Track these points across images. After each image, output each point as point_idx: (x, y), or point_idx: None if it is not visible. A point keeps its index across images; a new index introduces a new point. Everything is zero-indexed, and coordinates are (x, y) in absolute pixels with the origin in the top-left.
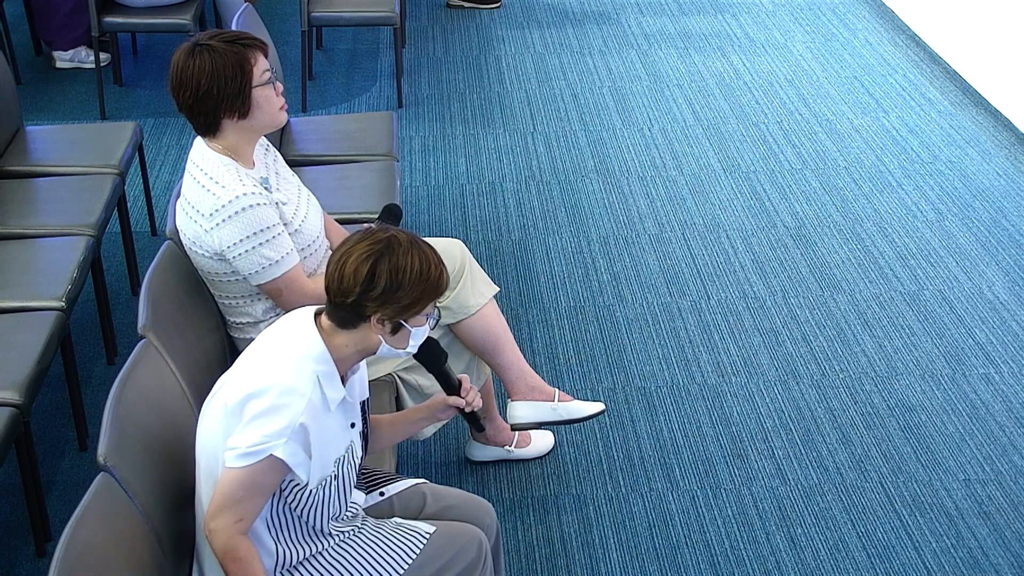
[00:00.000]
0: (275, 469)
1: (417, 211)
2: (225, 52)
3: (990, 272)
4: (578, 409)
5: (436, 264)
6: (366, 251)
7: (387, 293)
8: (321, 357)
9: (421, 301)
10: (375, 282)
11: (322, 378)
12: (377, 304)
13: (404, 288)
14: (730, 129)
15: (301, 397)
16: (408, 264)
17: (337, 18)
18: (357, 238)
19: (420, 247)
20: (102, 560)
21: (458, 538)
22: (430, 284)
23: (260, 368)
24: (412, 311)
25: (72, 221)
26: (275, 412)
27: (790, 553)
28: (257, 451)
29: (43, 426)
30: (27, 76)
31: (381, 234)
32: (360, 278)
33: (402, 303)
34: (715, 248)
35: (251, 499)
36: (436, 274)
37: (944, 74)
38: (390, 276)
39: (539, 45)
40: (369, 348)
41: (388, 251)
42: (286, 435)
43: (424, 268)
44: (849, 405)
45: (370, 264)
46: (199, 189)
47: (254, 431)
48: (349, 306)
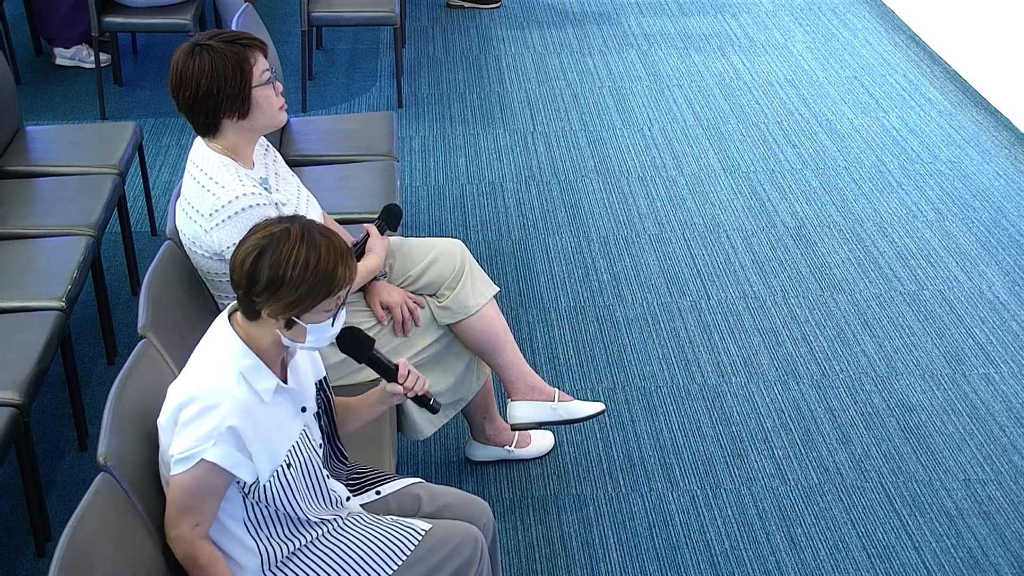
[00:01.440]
0: (213, 472)
1: (417, 211)
2: (225, 52)
3: (990, 272)
4: (578, 409)
5: (329, 258)
6: (254, 243)
7: (269, 288)
8: (241, 352)
9: (308, 298)
10: (257, 275)
11: (246, 373)
12: (263, 300)
13: (287, 284)
14: (730, 129)
15: (225, 396)
16: (293, 258)
17: (337, 18)
18: (254, 228)
19: (313, 241)
20: (102, 560)
21: (453, 536)
22: (317, 281)
23: (187, 377)
24: (300, 308)
25: (72, 221)
26: (201, 416)
27: (790, 553)
28: (189, 456)
29: (43, 426)
30: (27, 76)
31: (276, 225)
32: (245, 270)
33: (287, 300)
34: (715, 248)
35: (202, 503)
36: (327, 268)
37: (944, 74)
38: (272, 271)
39: (539, 45)
40: (278, 339)
41: (274, 244)
42: (213, 438)
43: (311, 263)
44: (849, 405)
45: (254, 256)
46: (199, 189)
47: (185, 437)
48: (242, 300)
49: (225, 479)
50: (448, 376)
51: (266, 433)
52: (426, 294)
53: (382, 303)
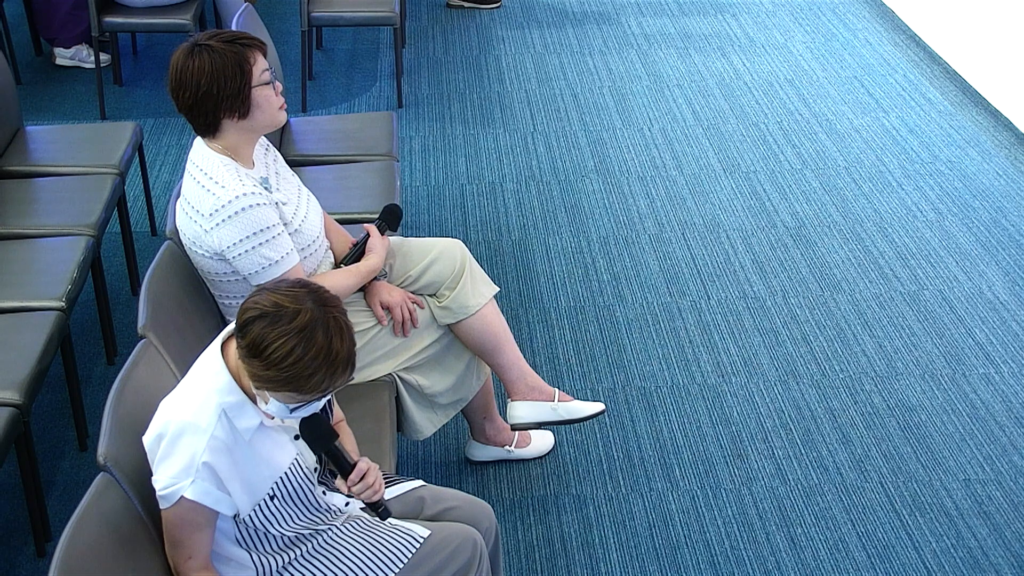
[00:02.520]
0: (193, 509)
1: (417, 211)
2: (224, 52)
3: (990, 272)
4: (578, 409)
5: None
6: (267, 302)
7: (248, 352)
8: (227, 388)
9: (274, 382)
10: (245, 333)
11: (229, 410)
12: (242, 353)
13: (261, 359)
14: (730, 129)
15: (202, 435)
16: (279, 343)
17: (337, 18)
18: (281, 284)
19: (312, 337)
20: (102, 560)
21: (453, 539)
22: (291, 376)
23: (169, 404)
24: (263, 384)
25: (72, 221)
26: (176, 453)
27: (790, 553)
28: (169, 494)
29: (43, 426)
30: (27, 76)
31: (297, 299)
32: (241, 319)
33: (254, 370)
34: (715, 248)
35: (190, 536)
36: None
37: (944, 74)
38: (258, 339)
39: (539, 45)
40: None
41: (274, 317)
42: (191, 475)
43: (293, 358)
44: (849, 405)
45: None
46: (199, 189)
47: (164, 472)
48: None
49: (207, 514)
50: (448, 376)
51: (245, 470)
52: (426, 294)
53: (382, 303)
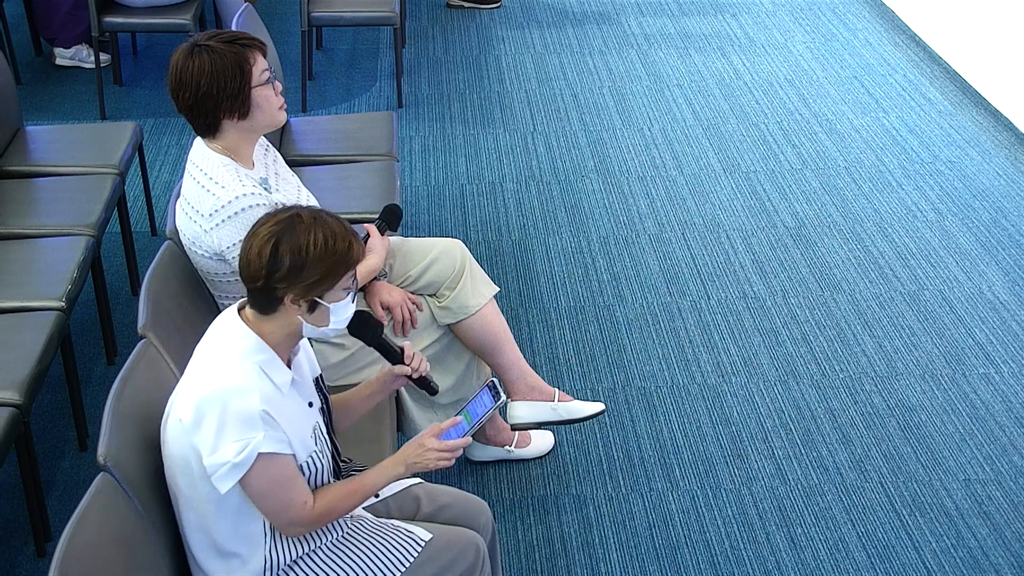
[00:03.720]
0: (275, 461)
1: (417, 211)
2: (224, 52)
3: (990, 272)
4: (578, 409)
5: (343, 236)
6: (267, 232)
7: (293, 272)
8: (257, 347)
9: (331, 276)
10: (279, 262)
11: (264, 367)
12: (286, 284)
13: (309, 265)
14: (730, 129)
15: (250, 391)
16: (311, 240)
17: (337, 18)
18: (261, 220)
19: (325, 222)
20: (102, 560)
21: (455, 543)
22: (337, 258)
23: (203, 377)
24: (323, 287)
25: (72, 221)
26: (231, 417)
27: (790, 553)
28: (245, 457)
29: (43, 426)
30: (27, 76)
31: (283, 213)
32: (264, 260)
33: (309, 280)
34: (715, 248)
35: (290, 489)
36: (343, 247)
37: (944, 74)
38: (293, 254)
39: (539, 45)
40: (296, 330)
41: (289, 229)
42: (258, 428)
43: (329, 242)
44: (849, 405)
45: (272, 244)
46: (199, 189)
47: (228, 440)
48: (261, 290)
49: (290, 462)
50: (448, 376)
51: (292, 422)
52: (426, 294)
53: (382, 303)
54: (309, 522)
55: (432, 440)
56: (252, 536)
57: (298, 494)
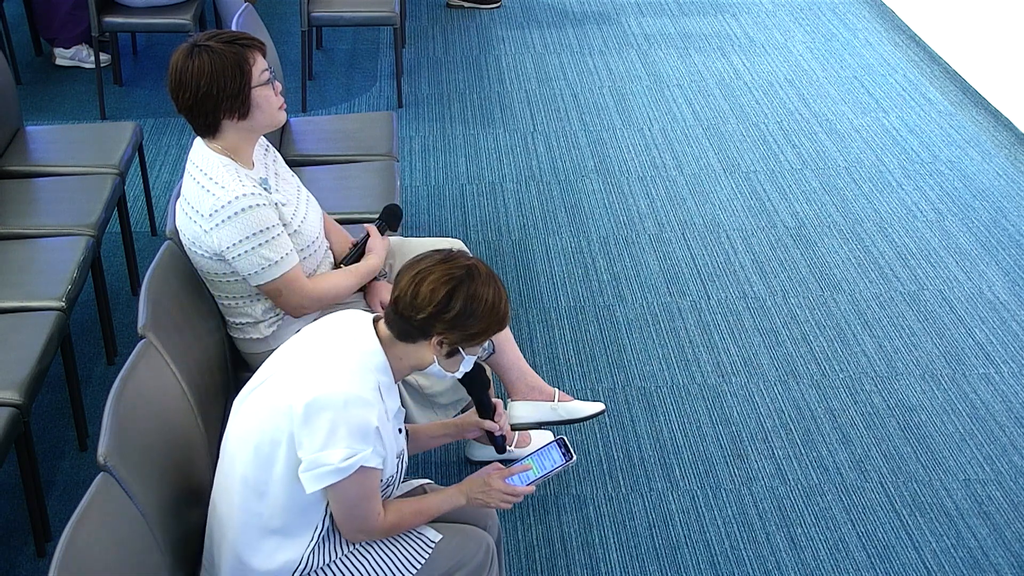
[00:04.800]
0: (371, 475)
1: (417, 211)
2: (224, 53)
3: (990, 272)
4: (578, 409)
5: (505, 300)
6: (447, 275)
7: (459, 319)
8: (382, 367)
9: (486, 332)
10: (451, 306)
11: (383, 388)
12: (445, 327)
13: (475, 317)
14: (730, 129)
15: (370, 405)
16: (484, 295)
17: (337, 18)
18: (438, 258)
19: (495, 281)
20: (102, 560)
21: (466, 542)
22: (497, 318)
23: (324, 374)
24: (474, 340)
25: (72, 221)
26: (348, 422)
27: (790, 553)
28: (349, 464)
29: (43, 426)
30: (27, 76)
31: (462, 260)
32: (436, 299)
33: (469, 331)
34: (715, 248)
35: (369, 503)
36: (504, 309)
37: (944, 74)
38: (466, 303)
39: (539, 45)
40: (421, 364)
41: (469, 279)
42: (369, 442)
43: (496, 302)
44: (849, 405)
45: (448, 288)
46: (199, 189)
47: (339, 446)
48: (417, 322)
49: (378, 477)
50: None
51: (389, 445)
52: None
53: (383, 303)
54: (377, 532)
55: (499, 482)
56: (305, 531)
57: (375, 506)
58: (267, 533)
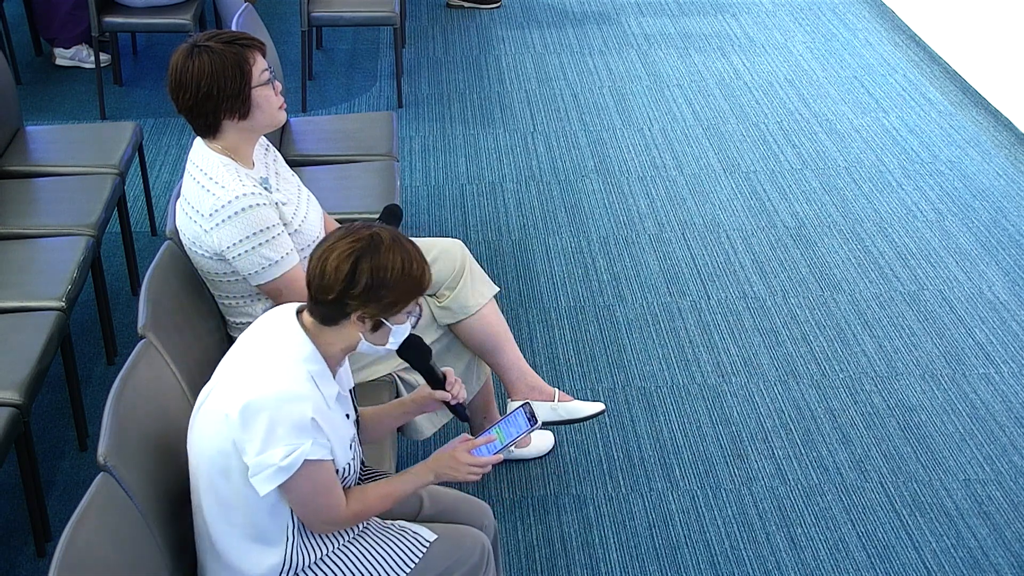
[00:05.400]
0: (319, 467)
1: (417, 211)
2: (224, 53)
3: (990, 272)
4: (578, 409)
5: (419, 262)
6: (348, 248)
7: (369, 291)
8: (312, 356)
9: (403, 300)
10: (356, 280)
11: (316, 377)
12: (359, 302)
13: (386, 287)
14: (730, 129)
15: (303, 399)
16: (391, 263)
17: (337, 18)
18: (339, 234)
19: (403, 245)
20: (102, 560)
21: (461, 542)
22: (412, 282)
23: (254, 376)
24: (394, 310)
25: (72, 221)
26: (283, 420)
27: (790, 553)
28: (292, 461)
29: (43, 426)
30: (27, 76)
31: (364, 231)
32: (342, 275)
33: (384, 301)
34: (715, 248)
35: (328, 495)
36: (419, 272)
37: (944, 74)
38: (372, 274)
39: (539, 45)
40: (352, 344)
41: (371, 249)
42: (307, 435)
43: (407, 266)
44: (849, 405)
45: (352, 261)
46: (199, 189)
47: (277, 443)
48: (330, 303)
49: (331, 468)
50: None
51: (336, 432)
52: (426, 294)
53: None
54: (343, 522)
55: (464, 454)
56: (278, 536)
57: (335, 498)
58: (246, 541)
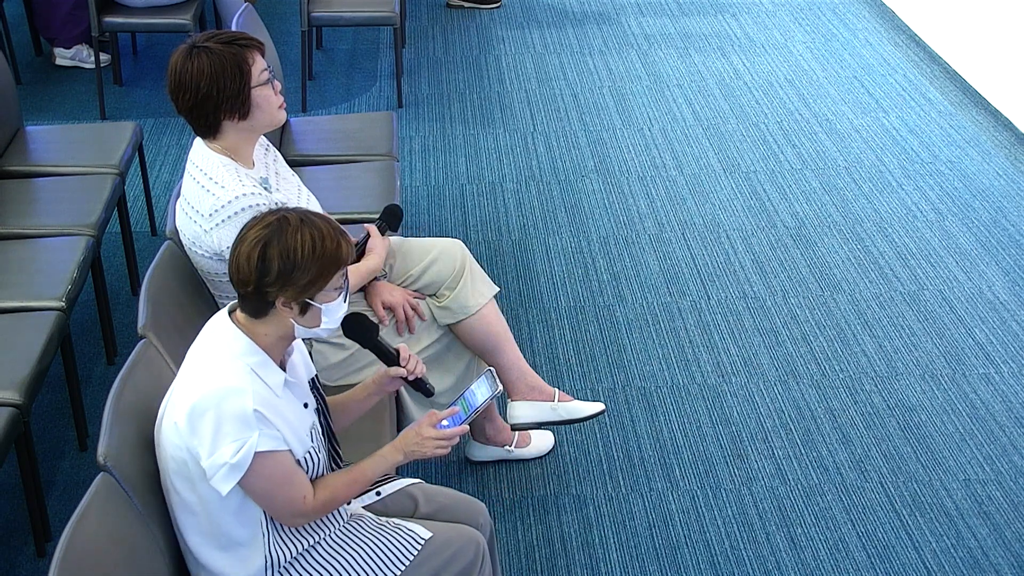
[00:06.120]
0: (273, 459)
1: (417, 211)
2: (223, 54)
3: (990, 272)
4: (578, 409)
5: (331, 237)
6: (255, 236)
7: (283, 275)
8: (248, 350)
9: (321, 277)
10: (268, 266)
11: (256, 368)
12: (277, 288)
13: (299, 267)
14: (730, 129)
15: (241, 392)
16: (299, 242)
17: (337, 18)
18: (249, 224)
19: (313, 223)
20: (102, 560)
21: (455, 540)
22: (327, 258)
23: (194, 380)
24: (314, 288)
25: (72, 221)
26: (226, 418)
27: (790, 553)
28: (242, 458)
29: (43, 426)
30: (27, 76)
31: (270, 216)
32: (253, 264)
33: (300, 282)
34: (715, 248)
35: (288, 487)
36: (332, 247)
37: (944, 74)
38: (282, 258)
39: (539, 45)
40: (289, 332)
41: (278, 232)
42: (252, 428)
43: (317, 243)
44: (849, 405)
45: (260, 248)
46: (199, 189)
47: (224, 442)
48: (252, 294)
49: (287, 458)
50: (448, 376)
51: (288, 420)
52: (426, 294)
53: (384, 303)
54: (312, 513)
55: (429, 429)
56: (252, 535)
57: (298, 489)
58: (220, 548)
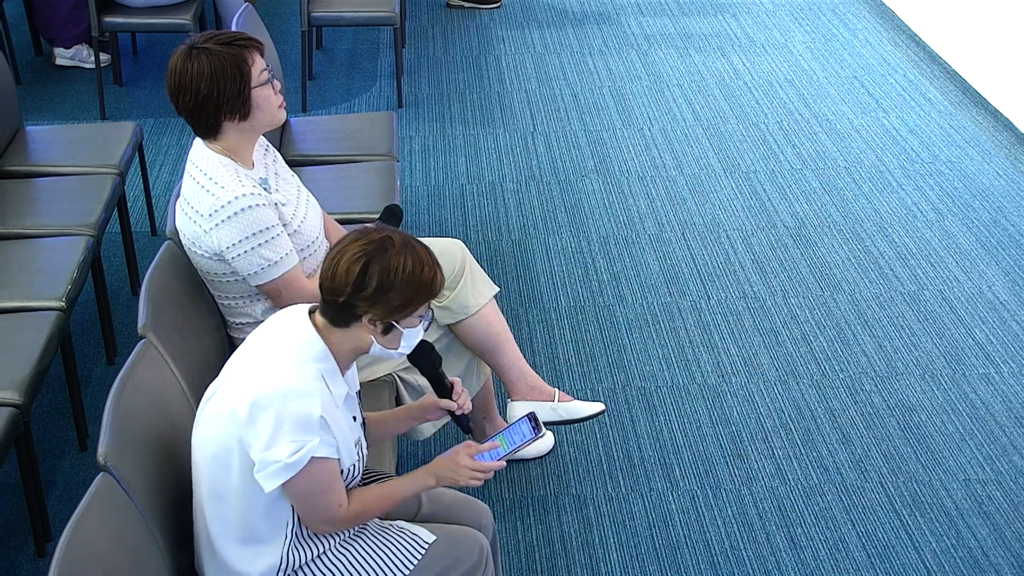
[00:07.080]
0: (324, 465)
1: (417, 211)
2: (223, 54)
3: (990, 272)
4: (578, 409)
5: (430, 265)
6: (359, 251)
7: (378, 294)
8: (322, 355)
9: (413, 303)
10: (366, 282)
11: (326, 375)
12: (368, 304)
13: (395, 289)
14: (730, 129)
15: (310, 396)
16: (400, 265)
17: (337, 18)
18: (352, 237)
19: (414, 248)
20: (102, 560)
21: (459, 543)
22: (422, 286)
23: (263, 373)
24: (403, 312)
25: (72, 221)
26: (289, 417)
27: (790, 553)
28: (299, 459)
29: (43, 426)
30: (27, 76)
31: (375, 234)
32: (351, 278)
33: (392, 304)
34: (715, 248)
35: (328, 494)
36: (429, 276)
37: (944, 74)
38: (381, 277)
39: (539, 45)
40: (363, 347)
41: (381, 251)
42: (314, 433)
43: (416, 269)
44: (849, 405)
45: (362, 264)
46: (198, 190)
47: (284, 442)
48: (341, 305)
49: (334, 466)
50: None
51: (341, 431)
52: None
53: None
54: (342, 522)
55: (467, 459)
56: (275, 533)
57: (336, 496)
58: (241, 541)
